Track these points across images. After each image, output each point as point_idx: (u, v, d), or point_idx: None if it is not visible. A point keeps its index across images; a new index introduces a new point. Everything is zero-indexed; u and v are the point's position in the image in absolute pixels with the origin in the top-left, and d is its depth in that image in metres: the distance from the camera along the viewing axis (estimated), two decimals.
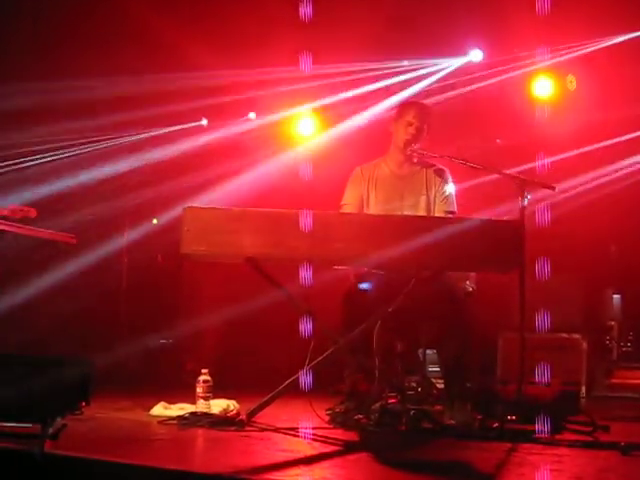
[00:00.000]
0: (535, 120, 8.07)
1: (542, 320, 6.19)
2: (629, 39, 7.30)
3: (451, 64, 8.09)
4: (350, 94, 8.38)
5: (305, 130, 8.97)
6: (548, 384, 5.07)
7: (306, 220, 4.45)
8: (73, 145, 8.82)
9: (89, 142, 8.94)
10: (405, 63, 8.09)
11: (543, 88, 7.97)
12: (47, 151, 8.62)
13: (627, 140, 7.64)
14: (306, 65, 7.55)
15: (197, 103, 8.51)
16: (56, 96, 7.58)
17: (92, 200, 8.48)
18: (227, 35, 7.49)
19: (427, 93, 7.98)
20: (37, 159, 8.56)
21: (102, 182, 8.65)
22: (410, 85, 8.17)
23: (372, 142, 6.47)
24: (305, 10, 6.65)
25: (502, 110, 8.00)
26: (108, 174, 8.72)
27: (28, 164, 8.46)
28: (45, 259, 7.29)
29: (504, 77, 7.89)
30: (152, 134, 9.21)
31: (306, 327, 4.74)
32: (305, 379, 4.62)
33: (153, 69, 7.78)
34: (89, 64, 7.56)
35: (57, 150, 8.71)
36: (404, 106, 5.57)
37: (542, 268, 5.62)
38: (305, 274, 4.55)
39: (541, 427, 4.34)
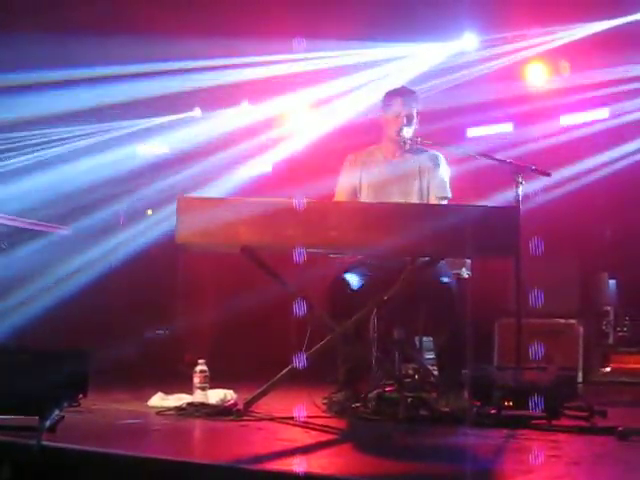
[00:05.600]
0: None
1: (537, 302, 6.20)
2: (622, 24, 7.29)
3: (444, 49, 8.04)
4: (340, 80, 8.31)
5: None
6: (544, 369, 5.07)
7: (300, 208, 4.45)
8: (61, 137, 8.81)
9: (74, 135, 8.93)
10: (395, 47, 8.02)
11: (537, 74, 7.97)
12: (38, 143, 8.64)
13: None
14: (297, 51, 7.54)
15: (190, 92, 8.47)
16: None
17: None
18: (218, 20, 7.43)
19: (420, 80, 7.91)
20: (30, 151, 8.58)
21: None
22: (401, 71, 8.11)
23: (364, 130, 6.45)
24: None
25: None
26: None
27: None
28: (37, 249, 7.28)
29: (497, 63, 7.88)
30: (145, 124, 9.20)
31: (302, 316, 4.75)
32: (301, 367, 4.62)
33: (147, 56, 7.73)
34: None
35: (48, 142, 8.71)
36: (390, 96, 5.50)
37: (538, 253, 5.63)
38: (300, 263, 4.55)
39: (538, 413, 4.35)
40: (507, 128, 8.35)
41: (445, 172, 5.41)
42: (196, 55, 7.74)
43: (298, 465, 3.18)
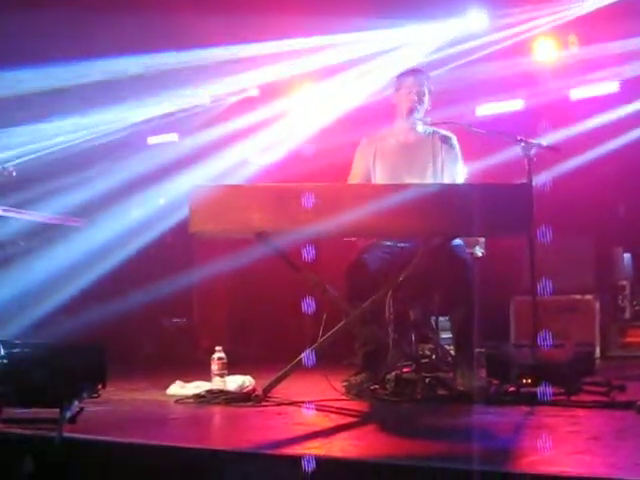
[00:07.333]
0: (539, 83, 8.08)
1: (551, 283, 6.17)
2: None
3: (452, 27, 7.98)
4: (349, 63, 8.27)
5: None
6: (562, 345, 5.05)
7: (313, 193, 4.44)
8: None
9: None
10: (403, 26, 7.97)
11: (545, 49, 7.92)
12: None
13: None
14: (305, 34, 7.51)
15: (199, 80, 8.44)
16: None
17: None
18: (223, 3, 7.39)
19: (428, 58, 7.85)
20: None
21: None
22: (410, 50, 8.06)
23: (374, 113, 6.43)
24: None
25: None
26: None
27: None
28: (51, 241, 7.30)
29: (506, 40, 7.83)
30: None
31: (318, 300, 4.75)
32: (318, 352, 4.63)
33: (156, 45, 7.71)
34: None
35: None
36: (402, 75, 5.54)
37: (551, 230, 5.62)
38: (314, 247, 4.55)
39: (557, 389, 4.34)
40: (517, 105, 8.30)
41: (458, 154, 5.40)
42: (203, 41, 7.72)
43: (319, 449, 3.19)
